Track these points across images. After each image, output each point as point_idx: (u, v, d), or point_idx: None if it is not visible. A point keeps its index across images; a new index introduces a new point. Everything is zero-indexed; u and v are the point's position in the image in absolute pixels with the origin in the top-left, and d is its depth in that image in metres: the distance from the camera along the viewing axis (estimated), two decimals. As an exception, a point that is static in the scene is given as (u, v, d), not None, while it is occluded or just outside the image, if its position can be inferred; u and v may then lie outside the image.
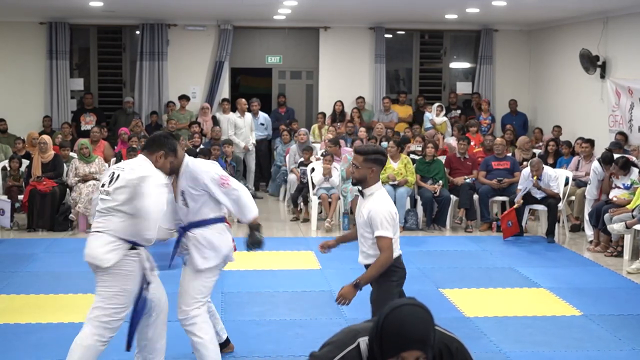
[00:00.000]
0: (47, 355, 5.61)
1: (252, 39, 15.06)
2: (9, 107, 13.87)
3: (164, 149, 4.65)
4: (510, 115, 14.53)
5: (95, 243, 4.57)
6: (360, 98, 14.54)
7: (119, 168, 4.65)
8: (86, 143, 10.81)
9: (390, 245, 4.67)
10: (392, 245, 4.69)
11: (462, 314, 6.70)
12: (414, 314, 2.47)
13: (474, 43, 15.55)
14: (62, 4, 12.59)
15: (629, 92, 11.59)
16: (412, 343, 2.43)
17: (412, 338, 2.43)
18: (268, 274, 8.09)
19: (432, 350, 2.48)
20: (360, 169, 4.74)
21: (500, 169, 10.87)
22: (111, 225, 4.52)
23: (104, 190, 4.58)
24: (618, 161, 9.40)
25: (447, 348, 2.67)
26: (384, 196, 4.80)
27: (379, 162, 4.78)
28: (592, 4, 11.67)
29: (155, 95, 14.48)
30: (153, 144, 4.69)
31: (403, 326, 2.44)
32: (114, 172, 4.62)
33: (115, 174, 4.58)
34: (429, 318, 2.49)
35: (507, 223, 9.99)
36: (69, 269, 8.19)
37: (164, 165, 4.66)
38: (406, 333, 2.43)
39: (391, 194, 10.48)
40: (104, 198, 4.56)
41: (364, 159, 4.74)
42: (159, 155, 4.64)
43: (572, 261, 8.94)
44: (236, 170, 11.65)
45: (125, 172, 4.56)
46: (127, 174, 4.53)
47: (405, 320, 2.45)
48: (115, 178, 4.55)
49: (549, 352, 5.78)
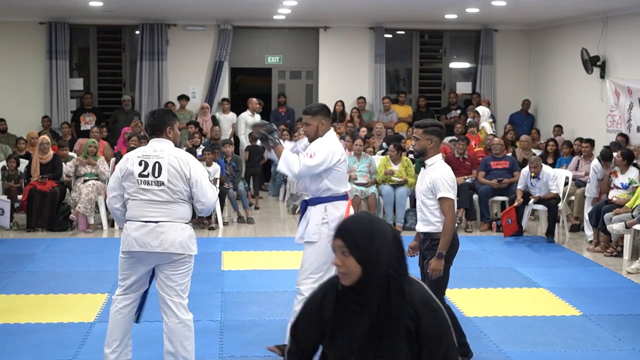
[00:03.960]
0: (47, 355, 5.61)
1: (252, 38, 15.06)
2: (8, 107, 13.86)
3: (168, 123, 4.87)
4: (521, 115, 14.52)
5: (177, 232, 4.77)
6: (361, 98, 14.54)
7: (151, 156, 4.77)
8: (95, 142, 10.83)
9: (452, 207, 5.09)
10: (454, 207, 5.10)
11: (462, 314, 6.69)
12: (360, 217, 2.65)
13: (474, 43, 15.55)
14: (62, 4, 12.59)
15: (628, 92, 11.59)
16: (337, 230, 2.61)
17: (339, 227, 2.62)
18: (268, 273, 8.08)
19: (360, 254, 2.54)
20: (421, 141, 5.18)
21: (499, 168, 10.87)
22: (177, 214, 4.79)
23: (152, 180, 4.72)
24: (622, 153, 9.42)
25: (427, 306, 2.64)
26: (445, 165, 5.22)
27: (438, 133, 5.20)
28: (592, 4, 11.68)
29: (155, 95, 14.48)
30: (157, 125, 4.87)
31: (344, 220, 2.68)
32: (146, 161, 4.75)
33: (152, 163, 4.74)
34: (372, 226, 2.57)
35: (507, 220, 10.00)
36: (68, 269, 8.19)
37: (176, 135, 4.93)
38: (340, 224, 2.64)
39: (391, 194, 10.49)
40: (155, 189, 4.73)
41: (423, 131, 5.18)
42: (168, 130, 4.87)
43: (572, 261, 8.94)
44: (236, 171, 11.64)
45: (164, 159, 4.75)
46: (172, 161, 4.75)
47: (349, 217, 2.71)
48: (158, 167, 4.73)
49: (549, 352, 5.78)
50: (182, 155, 4.80)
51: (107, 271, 8.01)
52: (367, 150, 11.26)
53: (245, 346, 5.81)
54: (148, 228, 4.70)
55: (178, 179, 4.73)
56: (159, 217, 4.71)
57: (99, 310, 6.68)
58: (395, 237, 2.58)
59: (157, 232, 4.69)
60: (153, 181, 4.71)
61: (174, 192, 4.73)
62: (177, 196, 4.75)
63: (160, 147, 4.81)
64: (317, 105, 5.55)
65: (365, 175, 10.63)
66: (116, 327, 4.91)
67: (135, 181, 4.74)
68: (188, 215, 4.86)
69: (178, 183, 4.73)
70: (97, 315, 6.54)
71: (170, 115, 4.95)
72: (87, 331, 6.11)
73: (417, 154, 5.29)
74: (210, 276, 7.72)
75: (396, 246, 2.58)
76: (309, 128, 5.45)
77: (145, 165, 4.74)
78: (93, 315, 6.54)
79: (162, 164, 4.72)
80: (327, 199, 5.36)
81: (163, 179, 4.71)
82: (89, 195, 10.17)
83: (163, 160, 4.73)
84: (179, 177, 4.73)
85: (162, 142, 4.84)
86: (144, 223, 4.71)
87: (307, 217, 5.41)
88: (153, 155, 4.76)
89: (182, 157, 4.78)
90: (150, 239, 4.69)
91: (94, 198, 10.27)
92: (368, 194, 10.50)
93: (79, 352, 5.65)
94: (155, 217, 4.71)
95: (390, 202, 10.52)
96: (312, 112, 5.44)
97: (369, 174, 10.67)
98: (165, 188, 4.71)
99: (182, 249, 4.75)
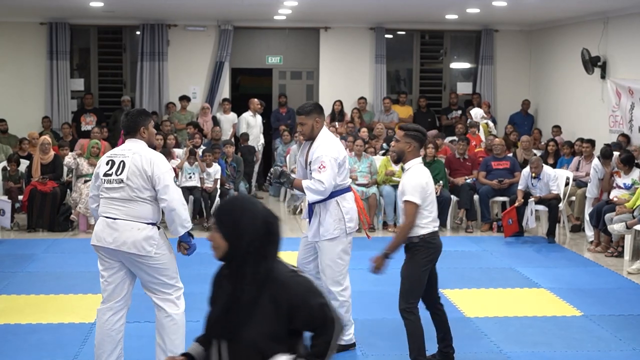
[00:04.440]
0: (47, 356, 5.61)
1: (253, 39, 15.05)
2: (9, 108, 13.86)
3: (142, 123, 4.90)
4: (521, 115, 14.51)
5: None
6: (362, 99, 14.53)
7: (118, 155, 4.85)
8: (97, 143, 10.84)
9: (413, 212, 5.00)
10: (416, 212, 5.00)
11: (463, 315, 6.69)
12: (234, 198, 2.90)
13: (475, 43, 15.54)
14: (63, 5, 12.59)
15: (629, 92, 11.58)
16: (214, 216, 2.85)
17: (214, 212, 2.88)
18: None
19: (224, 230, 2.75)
20: (400, 143, 5.17)
21: (500, 169, 10.87)
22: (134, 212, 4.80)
23: (114, 179, 4.78)
24: (621, 156, 9.42)
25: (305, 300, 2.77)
26: (420, 169, 5.14)
27: (418, 138, 5.17)
28: (593, 5, 11.67)
29: (156, 95, 14.48)
30: (130, 126, 4.91)
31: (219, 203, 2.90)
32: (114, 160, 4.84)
33: (118, 162, 4.81)
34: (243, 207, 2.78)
35: (508, 221, 10.00)
36: (69, 269, 8.19)
37: (151, 135, 4.96)
38: (216, 209, 2.88)
39: (392, 194, 10.48)
40: (115, 187, 4.78)
41: (404, 134, 5.18)
42: (142, 131, 4.90)
43: (573, 261, 8.94)
44: (237, 171, 11.64)
45: (128, 158, 4.79)
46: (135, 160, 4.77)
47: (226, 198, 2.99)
48: (122, 166, 4.77)
49: (550, 352, 5.78)
50: (147, 154, 4.81)
51: (107, 271, 8.01)
52: (368, 151, 11.25)
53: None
54: (105, 224, 4.81)
55: (138, 176, 4.74)
56: (117, 215, 4.78)
57: (99, 310, 6.67)
58: (266, 221, 2.77)
59: (111, 229, 4.77)
60: (115, 179, 4.79)
61: (132, 190, 4.75)
62: (136, 194, 4.75)
63: (130, 146, 4.87)
64: (309, 104, 5.68)
65: (366, 176, 10.63)
66: (103, 340, 4.91)
67: (101, 180, 4.87)
68: (150, 215, 4.80)
69: (137, 181, 4.75)
70: (98, 315, 6.54)
71: (143, 116, 4.98)
72: (88, 331, 6.10)
73: (395, 157, 5.27)
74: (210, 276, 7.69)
75: (264, 229, 2.76)
76: (304, 127, 5.58)
77: (112, 164, 4.84)
78: (93, 315, 6.47)
79: (126, 163, 4.79)
80: (336, 194, 5.50)
81: (123, 176, 4.76)
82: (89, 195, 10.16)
83: (127, 159, 4.80)
84: (139, 174, 4.74)
85: (135, 142, 4.89)
86: (104, 218, 4.82)
87: (319, 215, 5.52)
88: (120, 154, 4.87)
89: (147, 156, 4.79)
90: (105, 234, 4.78)
91: (94, 198, 10.26)
92: (369, 195, 10.50)
93: (79, 353, 5.65)
94: (113, 214, 4.79)
95: (391, 203, 10.51)
96: (305, 111, 5.56)
97: (369, 174, 10.66)
98: (124, 186, 4.76)
99: (135, 248, 4.73)
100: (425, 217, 5.08)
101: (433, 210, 5.14)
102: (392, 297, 7.23)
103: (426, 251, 5.10)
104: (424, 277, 5.15)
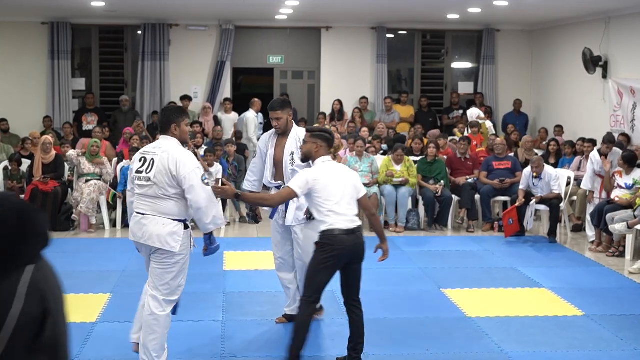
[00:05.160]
0: (48, 355, 5.61)
1: (254, 39, 15.06)
2: (10, 107, 13.88)
3: (174, 120, 5.01)
4: (513, 115, 14.51)
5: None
6: (364, 98, 14.53)
7: (150, 153, 4.99)
8: (97, 141, 10.83)
9: (282, 195, 5.22)
10: (285, 195, 5.18)
11: (464, 314, 6.69)
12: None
13: (476, 43, 15.54)
14: (64, 4, 12.60)
15: (631, 92, 11.58)
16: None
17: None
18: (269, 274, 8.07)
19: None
20: (307, 144, 5.30)
21: (502, 168, 10.86)
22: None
23: (144, 177, 4.93)
24: (624, 156, 9.42)
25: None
26: (316, 168, 5.22)
27: (324, 138, 5.28)
28: (594, 4, 11.67)
29: (157, 95, 14.49)
30: (163, 122, 5.05)
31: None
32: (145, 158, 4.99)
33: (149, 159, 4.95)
34: None
35: (508, 220, 9.99)
36: (70, 268, 8.18)
37: (183, 132, 5.06)
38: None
39: (393, 194, 10.48)
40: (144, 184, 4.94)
41: (310, 135, 5.33)
42: (173, 128, 5.01)
43: (574, 261, 8.94)
44: (238, 170, 11.64)
45: (158, 156, 4.92)
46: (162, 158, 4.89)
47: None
48: (152, 164, 4.91)
49: (551, 352, 5.78)
50: (174, 153, 4.90)
51: (109, 271, 8.02)
52: (369, 150, 11.25)
53: (247, 346, 5.81)
54: (136, 219, 5.00)
55: (164, 175, 4.86)
56: (145, 210, 4.95)
57: (100, 310, 6.68)
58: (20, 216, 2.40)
59: (141, 224, 4.94)
60: (144, 177, 4.94)
61: (159, 188, 4.89)
62: (162, 192, 4.89)
63: (162, 144, 5.01)
64: (280, 100, 6.14)
65: (367, 176, 10.62)
66: (141, 315, 5.16)
67: (133, 177, 5.03)
68: (176, 211, 4.93)
69: (163, 179, 4.87)
70: (99, 315, 6.55)
71: (177, 113, 5.09)
72: (89, 331, 6.11)
73: (302, 157, 5.44)
74: (212, 276, 7.72)
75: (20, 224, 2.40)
76: (280, 122, 5.98)
77: (144, 162, 4.98)
78: (95, 315, 6.54)
79: (155, 161, 4.91)
80: None
81: (151, 175, 4.91)
82: (90, 195, 10.17)
83: (157, 157, 4.92)
84: (165, 173, 4.86)
85: (166, 140, 5.02)
86: (137, 214, 5.01)
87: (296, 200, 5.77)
88: (152, 152, 5.00)
89: (174, 155, 4.88)
90: (136, 229, 4.98)
91: (96, 198, 10.28)
92: (370, 194, 10.49)
93: (80, 352, 5.66)
94: (143, 210, 4.97)
95: (392, 202, 10.51)
96: (280, 106, 5.99)
97: (370, 174, 10.66)
98: (152, 184, 4.90)
99: (160, 243, 4.88)
100: (322, 213, 5.07)
101: (331, 206, 5.05)
102: (393, 297, 7.26)
103: (324, 248, 5.04)
104: (323, 274, 5.06)
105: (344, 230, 5.02)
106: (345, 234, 5.02)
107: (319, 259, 5.06)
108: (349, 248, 5.04)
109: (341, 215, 5.05)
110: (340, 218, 5.04)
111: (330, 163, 5.31)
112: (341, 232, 5.02)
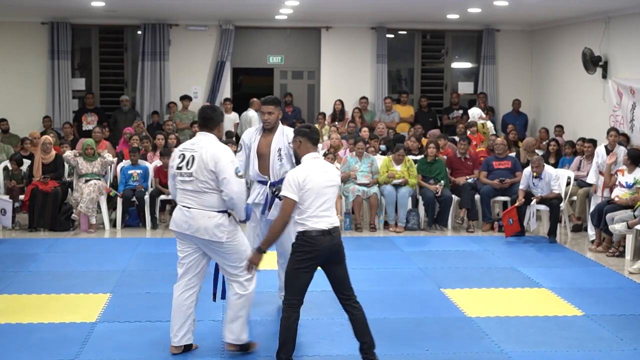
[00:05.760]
0: (48, 355, 5.62)
1: (254, 39, 15.06)
2: (10, 107, 13.88)
3: (222, 120, 5.47)
4: (513, 115, 14.51)
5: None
6: (364, 98, 14.53)
7: (189, 150, 5.30)
8: (92, 143, 10.82)
9: (286, 207, 5.08)
10: (287, 208, 5.07)
11: (464, 314, 6.69)
12: None
13: (476, 43, 15.55)
14: (64, 4, 12.60)
15: (630, 92, 11.58)
16: None
17: None
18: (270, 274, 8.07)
19: None
20: (294, 143, 5.38)
21: (502, 168, 10.86)
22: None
23: (185, 172, 5.25)
24: (629, 152, 9.44)
25: None
26: (304, 166, 5.18)
27: (303, 134, 5.28)
28: (594, 4, 11.67)
29: (157, 95, 14.49)
30: (213, 121, 5.39)
31: None
32: (184, 154, 5.29)
33: (189, 156, 5.26)
34: None
35: (508, 220, 10.00)
36: (70, 268, 8.20)
37: (221, 131, 5.53)
38: None
39: (393, 194, 10.48)
40: (187, 180, 5.26)
41: (294, 134, 5.40)
42: (219, 128, 5.43)
43: (574, 261, 8.94)
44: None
45: (197, 152, 5.23)
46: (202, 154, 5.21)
47: None
48: (192, 160, 5.22)
49: (551, 352, 5.78)
50: (212, 149, 5.23)
51: (109, 271, 8.02)
52: (369, 151, 11.25)
53: (246, 346, 5.80)
54: (181, 212, 5.34)
55: (203, 169, 5.19)
56: (190, 204, 5.29)
57: (100, 310, 6.68)
58: None
59: (186, 217, 5.29)
60: (185, 173, 5.27)
61: (201, 182, 5.22)
62: (204, 186, 5.22)
63: (201, 140, 5.32)
64: (273, 97, 6.43)
65: (367, 176, 10.62)
66: (176, 313, 5.46)
67: (174, 173, 5.36)
68: (219, 203, 5.25)
69: (203, 174, 5.20)
70: (99, 315, 6.54)
71: (222, 115, 5.59)
72: (89, 331, 6.11)
73: (295, 159, 5.64)
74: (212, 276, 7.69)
75: None
76: (272, 117, 6.27)
77: (183, 158, 5.31)
78: (95, 315, 6.54)
79: (195, 157, 5.24)
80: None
81: (192, 170, 5.24)
82: (90, 195, 10.18)
83: (196, 153, 5.25)
84: (204, 168, 5.19)
85: (205, 136, 5.34)
86: (181, 207, 5.35)
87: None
88: (190, 148, 5.32)
89: (211, 151, 5.21)
90: (181, 222, 5.32)
91: (95, 198, 10.28)
92: (370, 194, 10.49)
93: (80, 352, 5.66)
94: (187, 204, 5.30)
95: (392, 202, 10.51)
96: (273, 102, 6.31)
97: (370, 174, 10.66)
98: (194, 179, 5.24)
99: (208, 235, 5.24)
100: (302, 213, 5.05)
101: (313, 206, 5.04)
102: (393, 297, 7.26)
103: (302, 249, 5.04)
104: (302, 275, 5.08)
105: (321, 231, 5.04)
106: (322, 234, 5.04)
107: (296, 260, 5.10)
108: (326, 249, 5.06)
109: (321, 218, 5.06)
110: (319, 220, 5.06)
111: (317, 160, 5.23)
112: (318, 233, 5.04)
